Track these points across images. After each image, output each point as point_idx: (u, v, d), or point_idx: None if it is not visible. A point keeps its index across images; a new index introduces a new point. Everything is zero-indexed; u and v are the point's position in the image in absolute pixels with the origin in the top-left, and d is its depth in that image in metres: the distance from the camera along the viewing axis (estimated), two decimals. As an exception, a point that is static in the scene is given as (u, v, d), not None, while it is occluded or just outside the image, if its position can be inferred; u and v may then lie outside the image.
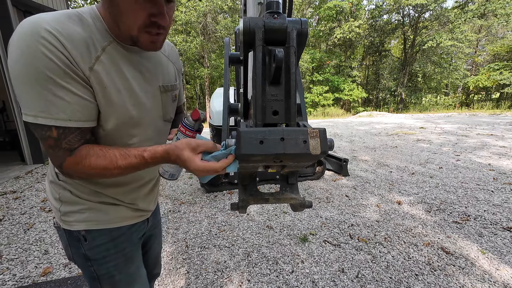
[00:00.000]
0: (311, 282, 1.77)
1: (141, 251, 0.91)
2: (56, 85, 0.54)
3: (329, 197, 3.18)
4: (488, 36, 22.41)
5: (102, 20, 0.62)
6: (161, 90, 0.77)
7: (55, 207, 0.76)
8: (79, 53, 0.57)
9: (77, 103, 0.58)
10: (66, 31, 0.55)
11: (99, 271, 0.77)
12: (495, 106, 18.56)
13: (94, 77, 0.59)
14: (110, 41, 0.63)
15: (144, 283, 0.89)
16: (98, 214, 0.76)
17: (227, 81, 0.77)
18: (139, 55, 0.70)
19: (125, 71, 0.66)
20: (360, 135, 7.69)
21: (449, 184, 3.50)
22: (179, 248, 2.19)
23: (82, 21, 0.60)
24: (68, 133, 0.58)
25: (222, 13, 19.74)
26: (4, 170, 4.33)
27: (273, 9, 0.51)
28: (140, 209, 0.86)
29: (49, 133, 0.57)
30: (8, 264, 1.98)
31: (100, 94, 0.61)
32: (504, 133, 6.94)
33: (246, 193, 0.61)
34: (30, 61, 0.52)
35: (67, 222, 0.75)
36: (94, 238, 0.76)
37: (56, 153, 0.59)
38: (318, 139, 0.45)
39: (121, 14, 0.57)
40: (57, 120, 0.56)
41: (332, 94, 21.68)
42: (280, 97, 0.50)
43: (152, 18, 0.58)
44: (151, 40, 0.62)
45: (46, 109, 0.55)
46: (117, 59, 0.64)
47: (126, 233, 0.82)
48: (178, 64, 0.89)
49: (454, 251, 2.07)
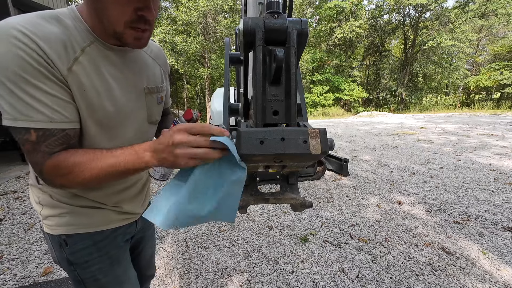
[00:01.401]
0: (312, 282, 1.77)
1: (129, 254, 0.89)
2: (32, 87, 0.52)
3: (329, 197, 3.17)
4: (488, 36, 22.38)
5: (83, 21, 0.60)
6: (146, 92, 0.75)
7: (37, 211, 0.75)
8: (55, 53, 0.54)
9: (56, 104, 0.55)
10: (40, 32, 0.53)
11: (83, 274, 0.76)
12: (495, 106, 18.55)
13: (72, 78, 0.57)
14: (92, 41, 0.61)
15: (133, 284, 0.87)
16: (79, 218, 0.73)
17: (228, 81, 0.77)
18: (122, 56, 0.68)
19: (105, 72, 0.64)
20: (360, 135, 7.69)
21: (449, 184, 3.50)
22: (180, 248, 2.19)
23: (59, 22, 0.57)
24: (48, 135, 0.55)
25: (223, 13, 19.74)
26: (4, 170, 4.34)
27: (273, 9, 0.50)
28: (126, 212, 0.82)
29: (27, 136, 0.53)
30: (8, 264, 1.98)
31: (79, 96, 0.59)
32: (505, 133, 6.93)
33: (247, 193, 0.61)
34: (3, 63, 0.50)
35: (48, 226, 0.73)
36: (76, 242, 0.73)
37: (35, 158, 0.55)
38: (319, 139, 0.45)
39: (106, 9, 0.55)
40: (37, 122, 0.53)
41: (332, 94, 21.68)
42: (281, 97, 0.50)
43: (138, 12, 0.56)
44: (136, 36, 0.60)
45: (25, 112, 0.52)
46: (97, 60, 0.62)
47: (110, 237, 0.79)
48: (165, 67, 0.87)
49: (455, 251, 2.06)
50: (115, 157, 0.56)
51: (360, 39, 23.18)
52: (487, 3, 18.78)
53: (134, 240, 0.93)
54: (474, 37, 20.43)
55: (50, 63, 0.53)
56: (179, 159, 0.49)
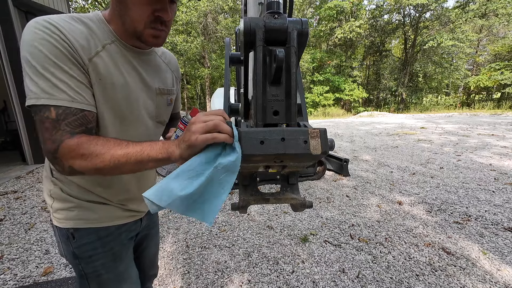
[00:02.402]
0: (312, 282, 1.77)
1: (132, 251, 0.90)
2: (59, 69, 0.58)
3: (329, 197, 3.17)
4: (489, 36, 22.35)
5: (106, 23, 0.68)
6: (157, 92, 0.80)
7: (48, 204, 0.78)
8: (79, 45, 0.61)
9: (78, 87, 0.60)
10: (68, 27, 0.60)
11: (86, 269, 0.78)
12: (496, 106, 18.53)
13: (92, 68, 0.63)
14: (113, 40, 0.68)
15: (134, 283, 0.88)
16: (86, 212, 0.76)
17: (228, 81, 0.77)
18: (139, 57, 0.74)
19: (122, 69, 0.69)
20: (360, 135, 7.69)
21: (450, 184, 3.49)
22: (180, 248, 2.19)
23: (85, 23, 0.65)
24: (68, 114, 0.58)
25: (223, 13, 19.74)
26: (5, 170, 4.34)
27: (273, 9, 0.50)
28: (132, 209, 0.85)
29: (47, 113, 0.56)
30: (9, 264, 1.99)
31: (96, 84, 0.64)
32: (505, 133, 6.93)
33: (247, 193, 0.61)
34: (36, 48, 0.56)
35: (57, 219, 0.76)
36: (82, 236, 0.76)
37: (53, 136, 0.56)
38: (319, 139, 0.45)
39: (128, 9, 0.63)
40: (59, 100, 0.57)
41: (332, 94, 21.66)
42: (281, 97, 0.50)
43: (156, 13, 0.63)
44: (154, 34, 0.67)
45: (50, 91, 0.57)
46: (116, 57, 0.68)
47: (114, 233, 0.81)
48: (177, 73, 0.93)
49: (455, 251, 2.06)
50: (140, 145, 0.57)
51: (360, 39, 23.15)
52: (488, 3, 18.76)
53: (138, 238, 0.95)
54: (474, 37, 20.41)
55: (75, 51, 0.60)
56: (193, 135, 0.49)
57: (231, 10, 18.96)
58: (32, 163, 4.64)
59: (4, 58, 4.10)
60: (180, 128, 0.75)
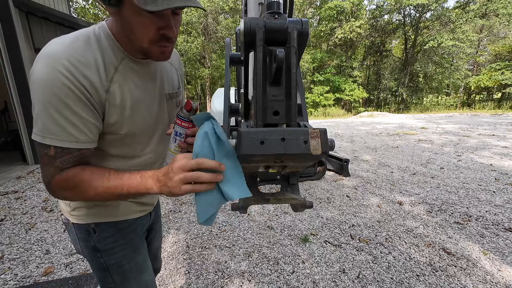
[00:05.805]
0: (312, 283, 1.77)
1: (146, 244, 0.95)
2: (70, 111, 0.59)
3: (330, 198, 3.17)
4: (489, 36, 22.34)
5: (114, 39, 0.67)
6: (167, 98, 0.83)
7: (64, 203, 0.81)
8: (97, 77, 0.62)
9: (85, 126, 0.62)
10: (83, 58, 0.60)
11: (108, 261, 0.82)
12: (496, 106, 18.50)
13: (110, 97, 0.65)
14: (122, 57, 0.69)
15: (151, 273, 0.93)
16: (105, 208, 0.80)
17: (228, 81, 0.77)
18: (147, 67, 0.75)
19: (136, 85, 0.72)
20: (361, 135, 7.68)
21: (450, 184, 3.49)
22: (180, 248, 2.19)
23: (97, 43, 0.64)
24: (66, 153, 0.61)
25: (223, 14, 19.76)
26: (5, 170, 4.35)
27: (274, 10, 0.50)
28: (145, 203, 0.90)
29: (47, 150, 0.60)
30: (9, 263, 1.99)
31: (113, 110, 0.67)
32: (506, 133, 6.92)
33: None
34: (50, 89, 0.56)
35: (76, 217, 0.79)
36: (103, 230, 0.80)
37: (47, 171, 0.62)
38: (319, 139, 0.45)
39: (133, 29, 0.62)
40: (61, 142, 0.60)
41: (333, 94, 21.65)
42: (281, 97, 0.50)
43: (161, 31, 0.63)
44: (160, 51, 0.67)
45: (56, 132, 0.59)
46: (127, 75, 0.70)
47: (132, 225, 0.86)
48: (180, 69, 0.94)
49: (456, 251, 2.06)
50: (120, 179, 0.63)
51: (360, 39, 23.13)
52: (488, 3, 18.76)
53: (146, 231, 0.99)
54: (475, 37, 20.40)
55: (89, 90, 0.61)
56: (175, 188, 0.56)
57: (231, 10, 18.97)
58: (33, 163, 4.65)
59: (4, 58, 4.11)
60: (177, 124, 0.76)
